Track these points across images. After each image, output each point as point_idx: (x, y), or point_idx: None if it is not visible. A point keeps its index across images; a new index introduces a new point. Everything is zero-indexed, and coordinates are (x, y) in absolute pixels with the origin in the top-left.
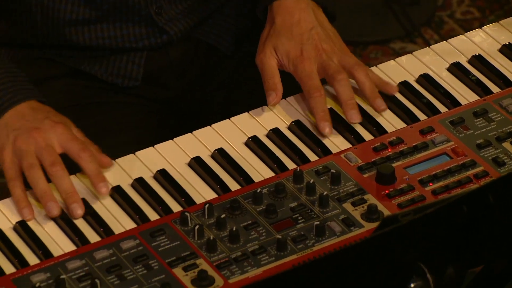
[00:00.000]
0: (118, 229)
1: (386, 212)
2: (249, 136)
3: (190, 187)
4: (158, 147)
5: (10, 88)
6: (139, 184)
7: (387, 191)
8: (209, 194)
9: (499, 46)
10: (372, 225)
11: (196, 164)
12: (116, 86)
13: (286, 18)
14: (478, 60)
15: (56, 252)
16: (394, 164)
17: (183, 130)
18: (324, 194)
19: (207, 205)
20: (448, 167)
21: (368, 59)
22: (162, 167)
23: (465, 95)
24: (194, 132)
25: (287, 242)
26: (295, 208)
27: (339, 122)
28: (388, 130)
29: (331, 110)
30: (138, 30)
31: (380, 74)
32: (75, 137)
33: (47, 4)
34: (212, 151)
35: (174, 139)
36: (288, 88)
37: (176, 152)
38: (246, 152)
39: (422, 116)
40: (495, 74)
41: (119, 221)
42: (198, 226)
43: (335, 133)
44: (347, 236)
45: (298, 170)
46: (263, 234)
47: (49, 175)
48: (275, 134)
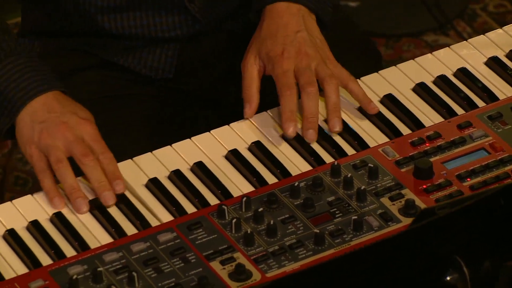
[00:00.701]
0: (155, 221)
1: (424, 207)
2: None
3: (227, 179)
4: (195, 139)
5: (36, 77)
6: (176, 176)
7: (424, 186)
8: (246, 187)
9: None
10: (410, 220)
11: (233, 156)
12: (148, 78)
13: (274, 22)
14: None
15: (93, 244)
16: (431, 159)
17: (215, 122)
18: (362, 188)
19: (245, 198)
20: (486, 163)
21: (400, 52)
22: (199, 159)
23: (503, 90)
24: (231, 124)
25: (325, 236)
26: (333, 202)
27: (376, 116)
28: (426, 125)
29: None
30: (171, 18)
31: (417, 67)
32: (99, 137)
33: None
34: (249, 143)
35: (211, 131)
36: None
37: (213, 145)
38: (284, 145)
39: (460, 110)
40: None
41: (156, 213)
42: (235, 220)
43: (373, 126)
44: (384, 231)
45: (336, 164)
46: (301, 228)
47: (80, 166)
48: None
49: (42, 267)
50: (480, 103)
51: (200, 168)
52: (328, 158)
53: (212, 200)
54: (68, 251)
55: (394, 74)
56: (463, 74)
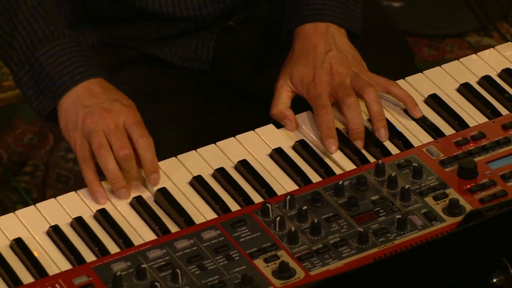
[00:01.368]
0: (198, 219)
1: (468, 206)
2: None
3: (271, 178)
4: (239, 137)
5: (82, 62)
6: (220, 174)
7: (468, 186)
8: (290, 185)
9: None
10: (454, 219)
11: (278, 155)
12: (186, 71)
13: (304, 44)
14: None
15: (137, 241)
16: (476, 159)
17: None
18: (406, 187)
19: (289, 196)
20: None
21: (444, 52)
22: (243, 157)
23: None
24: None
25: (369, 235)
26: (377, 201)
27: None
28: (470, 125)
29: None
30: None
31: (462, 68)
32: (141, 122)
33: None
34: (294, 142)
35: (256, 130)
36: None
37: (257, 143)
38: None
39: (504, 111)
40: None
41: (200, 211)
42: (279, 218)
43: (417, 126)
44: (428, 230)
45: (380, 163)
46: (344, 227)
47: (117, 158)
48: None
49: (86, 263)
50: None
51: (244, 166)
52: (372, 157)
53: (256, 198)
54: (112, 247)
55: (438, 74)
56: (508, 74)
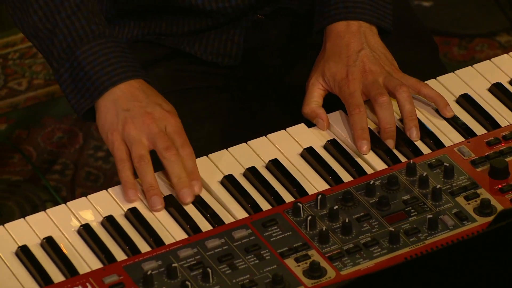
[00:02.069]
0: (229, 218)
1: (499, 206)
2: None
3: (302, 177)
4: (270, 136)
5: (122, 63)
6: (251, 173)
7: (500, 186)
8: (321, 185)
9: None
10: (485, 219)
11: (309, 154)
12: (215, 67)
13: (336, 43)
14: None
15: (168, 240)
16: (507, 159)
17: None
18: (437, 187)
19: (320, 196)
20: None
21: (473, 52)
22: (274, 156)
23: None
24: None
25: (400, 235)
26: (408, 201)
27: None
28: (502, 125)
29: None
30: None
31: (493, 68)
32: (182, 131)
33: None
34: (325, 142)
35: (287, 129)
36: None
37: (289, 142)
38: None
39: None
40: None
41: (231, 210)
42: (310, 217)
43: (448, 126)
44: (459, 230)
45: (411, 162)
46: (376, 226)
47: (161, 159)
48: None
49: (117, 262)
50: None
51: (275, 166)
52: (403, 157)
53: (287, 197)
54: (143, 246)
55: (470, 74)
56: None
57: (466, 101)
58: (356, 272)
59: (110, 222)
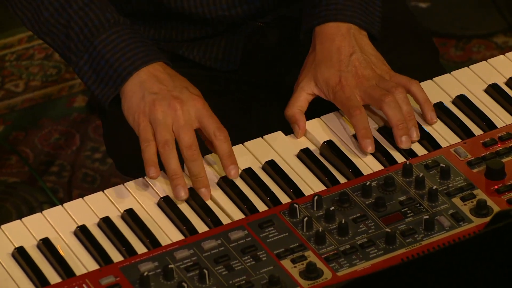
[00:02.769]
0: (226, 219)
1: (496, 207)
2: None
3: (299, 178)
4: (267, 138)
5: (142, 47)
6: (248, 174)
7: (496, 187)
8: (317, 186)
9: None
10: (482, 220)
11: (305, 155)
12: (215, 71)
13: (326, 46)
14: None
15: (164, 241)
16: (503, 160)
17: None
18: (434, 188)
19: (316, 197)
20: None
21: (470, 53)
22: (271, 157)
23: None
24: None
25: (396, 236)
26: (404, 202)
27: (449, 116)
28: (498, 125)
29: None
30: None
31: (490, 69)
32: (213, 114)
33: None
34: (321, 143)
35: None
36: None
37: (285, 144)
38: (355, 144)
39: None
40: None
41: (227, 211)
42: (307, 218)
43: (445, 127)
44: (456, 231)
45: (408, 163)
46: (372, 227)
47: (183, 156)
48: (383, 130)
49: (113, 263)
50: None
51: (272, 167)
52: (400, 158)
53: (284, 198)
54: (139, 248)
55: (466, 75)
56: None
57: (463, 102)
58: (353, 273)
59: (106, 223)
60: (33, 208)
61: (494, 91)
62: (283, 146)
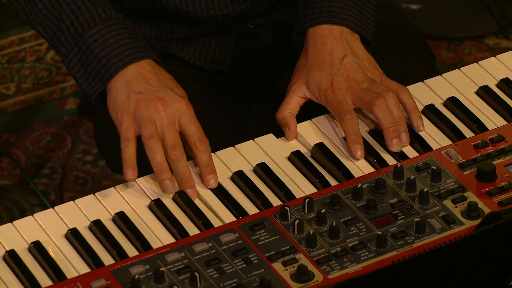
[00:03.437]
0: (217, 222)
1: (487, 210)
2: None
3: (290, 181)
4: (258, 140)
5: (131, 44)
6: (239, 177)
7: (487, 189)
8: (308, 188)
9: None
10: (473, 222)
11: (296, 158)
12: (205, 71)
13: (318, 48)
14: None
15: (155, 244)
16: (494, 162)
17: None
18: (425, 190)
19: (307, 199)
20: None
21: (462, 55)
22: (262, 160)
23: None
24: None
25: (387, 238)
26: (395, 204)
27: (440, 119)
28: (489, 128)
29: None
30: None
31: (481, 71)
32: (196, 120)
33: None
34: (312, 145)
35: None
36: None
37: (276, 146)
38: (346, 147)
39: None
40: None
41: (219, 214)
42: (298, 221)
43: (436, 129)
44: (447, 233)
45: (399, 166)
46: (363, 230)
47: (167, 156)
48: (374, 133)
49: (104, 266)
50: None
51: (263, 169)
52: (391, 160)
53: (275, 201)
54: (130, 251)
55: (457, 77)
56: None
57: (454, 104)
58: (344, 275)
59: (97, 226)
60: (24, 210)
61: (485, 93)
62: (274, 148)
